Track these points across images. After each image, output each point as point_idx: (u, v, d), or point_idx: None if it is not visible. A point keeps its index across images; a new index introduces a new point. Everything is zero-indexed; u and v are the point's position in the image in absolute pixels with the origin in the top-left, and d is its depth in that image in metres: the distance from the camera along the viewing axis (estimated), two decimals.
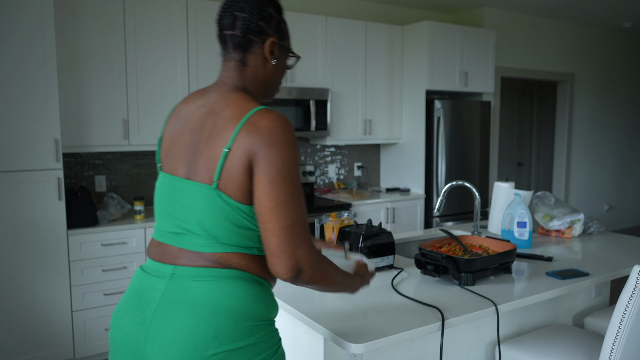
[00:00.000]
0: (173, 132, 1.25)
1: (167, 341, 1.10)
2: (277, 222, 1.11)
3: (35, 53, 2.88)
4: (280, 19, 1.26)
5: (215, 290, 1.12)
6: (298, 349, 1.77)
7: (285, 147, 1.11)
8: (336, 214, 2.26)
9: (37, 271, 2.96)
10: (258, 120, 1.12)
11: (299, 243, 1.12)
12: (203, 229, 1.15)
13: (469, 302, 1.68)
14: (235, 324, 1.11)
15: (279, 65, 1.29)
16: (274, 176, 1.10)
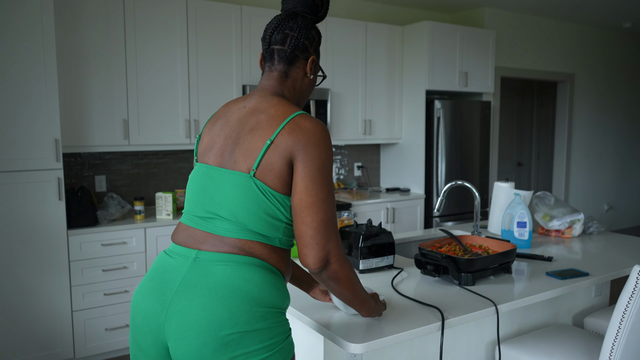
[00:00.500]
0: (212, 130, 1.35)
1: (185, 320, 1.17)
2: (315, 216, 1.20)
3: (35, 53, 2.88)
4: (319, 41, 1.41)
5: (236, 274, 1.19)
6: (298, 349, 1.77)
7: (325, 150, 1.23)
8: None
9: (37, 271, 2.96)
10: (302, 121, 1.24)
11: (330, 237, 1.22)
12: (233, 215, 1.23)
13: (469, 302, 1.68)
14: (251, 308, 1.18)
15: (313, 81, 1.43)
16: (316, 174, 1.21)
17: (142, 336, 1.25)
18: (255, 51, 3.85)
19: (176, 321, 1.18)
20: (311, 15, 1.38)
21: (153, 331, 1.22)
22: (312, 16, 1.39)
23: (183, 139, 3.60)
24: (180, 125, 3.59)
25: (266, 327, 1.19)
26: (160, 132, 3.52)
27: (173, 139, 3.57)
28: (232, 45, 3.76)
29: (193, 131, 3.63)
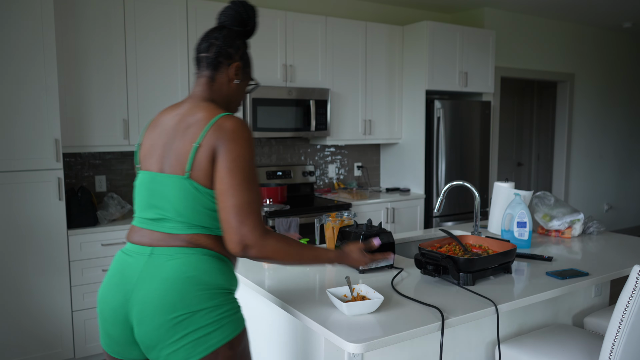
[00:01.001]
0: (151, 138, 1.50)
1: (144, 307, 1.34)
2: (227, 201, 1.34)
3: (35, 53, 2.88)
4: (245, 50, 1.55)
5: (186, 264, 1.35)
6: (298, 349, 1.77)
7: (242, 143, 1.36)
8: (336, 214, 2.27)
9: (37, 271, 2.96)
10: (224, 122, 1.38)
11: (245, 221, 1.34)
12: (179, 214, 1.38)
13: (469, 302, 1.68)
14: (199, 291, 1.34)
15: (240, 86, 1.56)
16: (230, 164, 1.34)
17: (112, 327, 1.40)
18: (255, 51, 3.85)
19: (137, 309, 1.34)
20: (238, 28, 1.54)
21: (121, 321, 1.38)
22: (238, 28, 1.54)
23: None
24: None
25: (214, 306, 1.35)
26: None
27: None
28: None
29: None
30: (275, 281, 1.93)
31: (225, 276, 1.40)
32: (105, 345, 1.45)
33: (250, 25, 1.56)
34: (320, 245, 2.49)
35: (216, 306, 1.35)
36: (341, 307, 1.55)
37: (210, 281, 1.36)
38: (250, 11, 1.55)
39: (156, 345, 1.35)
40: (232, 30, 1.53)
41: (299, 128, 4.02)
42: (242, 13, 1.54)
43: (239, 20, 1.54)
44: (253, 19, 1.56)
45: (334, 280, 1.94)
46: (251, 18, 1.55)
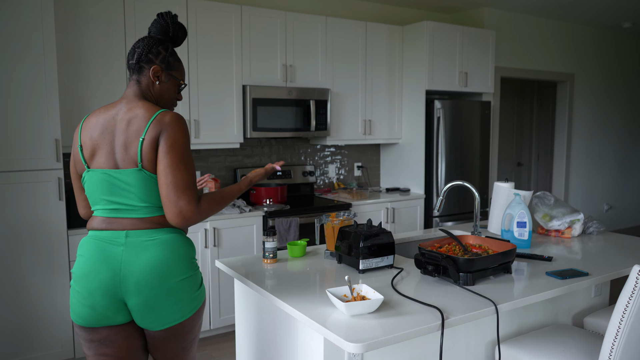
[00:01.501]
0: (92, 138, 1.64)
1: (139, 279, 1.57)
2: (165, 179, 1.56)
3: (35, 53, 2.88)
4: (167, 55, 1.71)
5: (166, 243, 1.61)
6: (298, 349, 1.77)
7: (178, 132, 1.58)
8: (336, 214, 2.27)
9: (37, 271, 2.97)
10: (163, 116, 1.58)
11: (181, 195, 1.56)
12: (142, 200, 1.60)
13: (469, 302, 1.69)
14: (182, 263, 1.62)
15: (166, 87, 1.73)
16: (167, 149, 1.56)
17: (101, 298, 1.59)
18: (256, 51, 3.85)
19: (132, 281, 1.57)
20: (160, 36, 1.73)
21: (110, 292, 1.58)
22: (161, 37, 1.73)
23: None
24: None
25: (194, 274, 1.66)
26: None
27: None
28: (232, 45, 3.76)
29: (193, 131, 3.63)
30: (275, 281, 1.93)
31: (191, 247, 1.69)
32: (82, 319, 1.62)
33: (173, 33, 1.74)
34: (320, 245, 2.50)
35: (195, 274, 1.67)
36: (341, 307, 1.55)
37: (185, 254, 1.65)
38: (171, 20, 1.73)
39: (154, 310, 1.59)
40: (153, 38, 1.71)
41: (299, 128, 4.02)
42: (165, 24, 1.72)
43: (162, 29, 1.73)
44: (176, 29, 1.74)
45: (334, 280, 1.95)
46: (173, 28, 1.73)
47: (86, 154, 1.65)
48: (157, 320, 1.61)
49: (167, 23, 1.72)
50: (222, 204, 1.70)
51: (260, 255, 2.30)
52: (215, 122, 3.72)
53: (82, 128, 1.67)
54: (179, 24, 1.75)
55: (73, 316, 1.64)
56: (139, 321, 1.63)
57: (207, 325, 3.57)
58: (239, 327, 2.22)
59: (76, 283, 1.62)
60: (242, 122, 3.83)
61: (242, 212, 3.64)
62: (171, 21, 1.73)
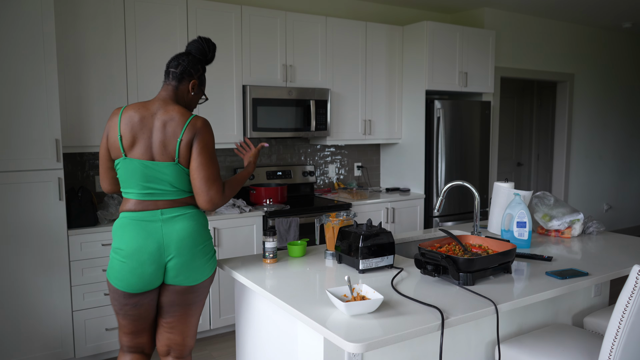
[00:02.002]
0: (133, 131, 1.96)
1: (180, 244, 1.97)
2: (199, 174, 1.96)
3: (35, 53, 2.88)
4: (203, 73, 2.13)
5: (194, 216, 2.02)
6: (298, 349, 1.77)
7: (207, 135, 1.98)
8: (336, 214, 2.27)
9: (37, 271, 2.97)
10: (195, 122, 1.97)
11: (211, 187, 1.96)
12: (173, 186, 1.98)
13: (469, 302, 1.69)
14: (204, 231, 2.04)
15: (195, 97, 2.14)
16: (200, 150, 1.95)
17: (149, 266, 1.95)
18: (256, 51, 3.85)
19: (174, 247, 1.96)
20: (199, 56, 2.10)
21: (157, 260, 1.96)
22: (200, 57, 2.11)
23: None
24: None
25: (211, 241, 2.09)
26: None
27: None
28: (232, 45, 3.76)
29: None
30: (275, 281, 1.93)
31: (207, 220, 2.09)
32: (130, 286, 1.97)
33: (210, 56, 2.13)
34: (320, 245, 2.50)
35: (211, 242, 2.09)
36: (341, 307, 1.55)
37: (206, 224, 2.07)
38: (210, 46, 2.12)
39: (189, 269, 1.99)
40: (195, 57, 2.09)
41: (299, 128, 4.02)
42: (205, 47, 2.10)
43: (201, 51, 2.10)
44: (212, 52, 2.13)
45: (334, 280, 1.95)
46: (210, 51, 2.12)
47: (125, 143, 1.96)
48: (189, 277, 2.00)
49: (205, 46, 2.10)
50: (238, 187, 2.11)
51: (260, 255, 2.30)
52: (215, 122, 3.72)
53: (122, 119, 1.97)
54: (213, 47, 2.14)
55: (120, 285, 1.97)
56: (173, 279, 2.00)
57: (207, 325, 3.57)
58: (239, 327, 2.22)
59: (127, 258, 1.95)
60: (242, 122, 3.84)
61: (242, 212, 3.64)
62: (207, 45, 2.11)
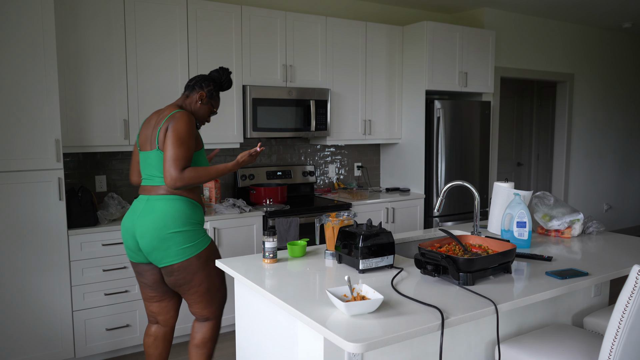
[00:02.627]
0: (145, 130, 2.41)
1: (143, 229, 2.28)
2: (165, 154, 2.22)
3: (35, 53, 2.88)
4: (213, 90, 2.49)
5: (167, 204, 2.28)
6: (298, 349, 1.77)
7: (179, 121, 2.25)
8: (336, 214, 2.27)
9: (37, 271, 2.97)
10: (176, 114, 2.29)
11: (171, 164, 2.19)
12: (159, 172, 2.30)
13: (469, 302, 1.69)
14: (176, 221, 2.27)
15: (203, 108, 2.48)
16: (170, 134, 2.23)
17: (127, 240, 2.36)
18: (256, 51, 3.85)
19: (139, 230, 2.28)
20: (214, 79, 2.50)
21: (131, 236, 2.34)
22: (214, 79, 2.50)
23: None
24: None
25: (186, 230, 2.29)
26: None
27: None
28: (232, 45, 3.76)
29: None
30: (275, 281, 1.93)
31: (192, 211, 2.32)
32: (128, 256, 2.44)
33: (223, 81, 2.51)
34: (320, 245, 2.50)
35: (188, 231, 2.29)
36: (341, 307, 1.55)
37: (183, 213, 2.28)
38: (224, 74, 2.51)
39: (152, 252, 2.29)
40: (210, 77, 2.49)
41: (299, 128, 4.02)
42: (220, 74, 2.51)
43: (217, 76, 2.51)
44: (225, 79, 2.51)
45: (334, 280, 1.95)
46: (224, 78, 2.51)
47: (140, 141, 2.42)
48: (155, 259, 2.31)
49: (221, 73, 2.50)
50: (205, 176, 2.25)
51: (260, 255, 2.30)
52: (215, 122, 3.72)
53: (144, 122, 2.45)
54: (229, 79, 2.52)
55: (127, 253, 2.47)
56: (148, 258, 2.33)
57: None
58: (239, 327, 2.22)
59: (122, 231, 2.39)
60: (242, 122, 3.84)
61: (242, 212, 3.64)
62: (224, 74, 2.50)
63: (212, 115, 2.53)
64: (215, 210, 3.65)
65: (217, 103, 2.52)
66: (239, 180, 4.11)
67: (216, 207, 3.68)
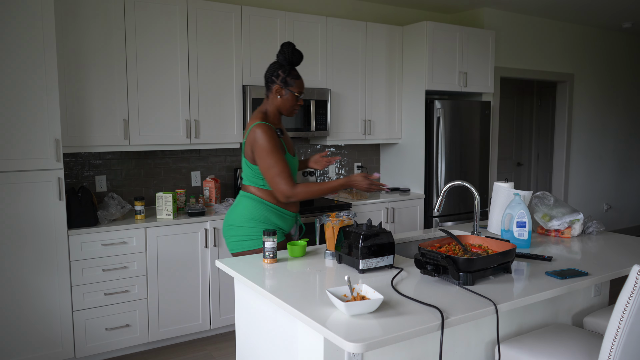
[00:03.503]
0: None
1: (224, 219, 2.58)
2: (263, 174, 2.37)
3: (35, 53, 2.88)
4: (285, 77, 2.41)
5: (241, 201, 2.48)
6: (298, 349, 1.77)
7: (262, 141, 2.33)
8: (336, 214, 2.27)
9: (37, 271, 2.97)
10: (255, 129, 2.36)
11: (280, 183, 2.32)
12: (246, 174, 2.47)
13: (469, 302, 1.69)
14: (240, 215, 2.45)
15: (286, 99, 2.44)
16: (256, 152, 2.35)
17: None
18: (256, 51, 3.85)
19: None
20: (283, 62, 2.42)
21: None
22: (283, 62, 2.42)
23: (183, 139, 3.61)
24: (180, 125, 3.59)
25: (245, 226, 2.44)
26: (161, 132, 3.53)
27: (173, 139, 3.57)
28: (232, 45, 3.76)
29: (193, 131, 3.63)
30: (275, 281, 1.93)
31: (255, 210, 2.43)
32: None
33: (295, 60, 2.41)
34: (320, 245, 2.50)
35: (246, 227, 2.43)
36: (341, 307, 1.55)
37: (244, 211, 2.44)
38: (287, 49, 2.39)
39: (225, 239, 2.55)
40: (276, 62, 2.42)
41: (299, 128, 4.02)
42: (286, 54, 2.39)
43: (283, 56, 2.41)
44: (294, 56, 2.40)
45: (334, 280, 1.95)
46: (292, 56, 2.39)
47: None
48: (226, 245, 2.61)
49: (284, 53, 2.39)
50: (317, 193, 2.36)
51: (260, 255, 2.30)
52: (215, 122, 3.73)
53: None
54: (295, 51, 2.39)
55: None
56: None
57: (207, 325, 3.58)
58: (239, 327, 2.22)
59: None
60: (242, 122, 3.84)
61: None
62: (288, 49, 2.38)
63: (299, 101, 2.46)
64: (215, 210, 3.65)
65: (297, 85, 2.42)
66: (239, 180, 4.11)
67: (216, 207, 3.68)
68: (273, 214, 2.43)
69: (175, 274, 3.42)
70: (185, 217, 3.48)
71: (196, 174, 4.05)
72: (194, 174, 4.04)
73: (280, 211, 2.45)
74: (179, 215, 3.54)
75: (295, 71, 2.42)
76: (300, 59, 2.42)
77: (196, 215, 3.49)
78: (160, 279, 3.37)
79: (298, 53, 2.40)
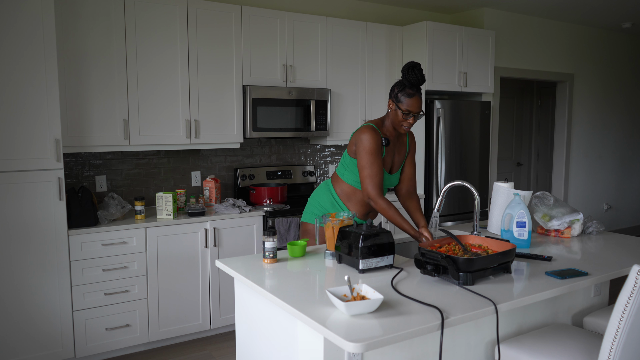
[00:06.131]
0: None
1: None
2: (359, 170, 2.50)
3: (36, 53, 2.88)
4: (397, 93, 2.50)
5: (322, 186, 2.75)
6: (298, 349, 1.77)
7: (364, 142, 2.47)
8: (336, 214, 2.27)
9: (37, 271, 2.97)
10: (360, 129, 2.53)
11: (369, 185, 2.46)
12: (341, 164, 2.66)
13: (469, 302, 1.69)
14: (313, 198, 2.74)
15: (394, 114, 2.53)
16: (357, 146, 2.50)
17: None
18: (256, 51, 3.85)
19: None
20: (399, 83, 2.52)
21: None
22: (398, 84, 2.52)
23: (183, 139, 3.61)
24: (180, 125, 3.59)
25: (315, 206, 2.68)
26: (161, 132, 3.53)
27: (173, 139, 3.58)
28: (232, 45, 3.76)
29: (193, 131, 3.63)
30: (275, 281, 1.93)
31: (325, 195, 2.67)
32: None
33: (410, 78, 2.44)
34: (320, 245, 2.50)
35: (315, 207, 2.68)
36: (341, 307, 1.56)
37: (323, 192, 2.69)
38: (406, 71, 2.45)
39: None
40: (399, 82, 2.51)
41: (299, 128, 4.02)
42: (403, 73, 2.47)
43: (404, 76, 2.48)
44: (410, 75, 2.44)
45: (334, 280, 1.95)
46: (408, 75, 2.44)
47: None
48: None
49: (404, 70, 2.45)
50: (391, 218, 2.45)
51: (260, 255, 2.30)
52: (215, 122, 3.73)
53: None
54: (411, 71, 2.43)
55: None
56: None
57: (207, 325, 3.58)
58: (239, 327, 2.22)
59: None
60: (242, 122, 3.84)
61: (242, 212, 3.64)
62: (405, 70, 2.45)
63: (408, 117, 2.48)
64: (215, 210, 3.65)
65: (407, 103, 2.47)
66: (239, 180, 4.11)
67: (216, 207, 3.68)
68: (329, 204, 2.64)
69: (175, 274, 3.42)
70: (186, 217, 3.48)
71: (196, 174, 4.05)
72: (194, 174, 4.04)
73: (339, 204, 2.64)
74: (179, 215, 3.54)
75: (411, 90, 2.46)
76: (417, 79, 2.44)
77: (196, 215, 3.49)
78: (161, 279, 3.37)
79: (415, 74, 2.43)
